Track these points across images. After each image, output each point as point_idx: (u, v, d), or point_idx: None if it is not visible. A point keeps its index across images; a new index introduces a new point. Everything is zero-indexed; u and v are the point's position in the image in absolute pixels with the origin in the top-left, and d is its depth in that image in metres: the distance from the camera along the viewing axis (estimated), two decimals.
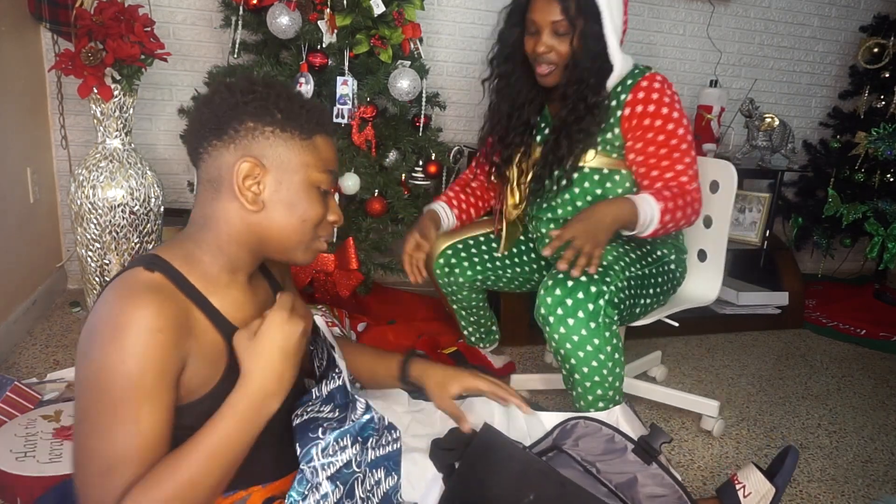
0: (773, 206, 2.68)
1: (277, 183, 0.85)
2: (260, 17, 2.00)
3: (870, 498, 1.54)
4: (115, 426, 0.75)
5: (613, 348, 1.39)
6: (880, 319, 2.73)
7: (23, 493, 1.22)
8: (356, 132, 2.03)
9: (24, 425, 1.38)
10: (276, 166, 0.85)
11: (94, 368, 0.75)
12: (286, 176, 0.85)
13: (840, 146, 3.10)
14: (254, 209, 0.85)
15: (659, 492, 1.17)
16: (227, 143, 0.84)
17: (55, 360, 1.88)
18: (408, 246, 1.57)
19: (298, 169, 0.86)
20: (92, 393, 0.75)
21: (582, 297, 1.34)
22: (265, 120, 0.84)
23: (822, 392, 2.11)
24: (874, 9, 3.15)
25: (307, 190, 0.87)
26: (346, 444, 0.90)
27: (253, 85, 0.85)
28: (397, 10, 2.03)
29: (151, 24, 1.75)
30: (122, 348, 0.74)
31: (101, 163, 1.73)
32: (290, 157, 0.85)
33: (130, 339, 0.74)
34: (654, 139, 1.48)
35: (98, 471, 0.75)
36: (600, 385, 1.41)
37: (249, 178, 0.84)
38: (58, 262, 2.39)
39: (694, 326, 2.53)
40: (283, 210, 0.86)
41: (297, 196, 0.86)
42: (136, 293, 0.77)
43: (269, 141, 0.84)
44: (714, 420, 1.76)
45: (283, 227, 0.87)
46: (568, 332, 1.36)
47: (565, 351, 1.39)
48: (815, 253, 3.31)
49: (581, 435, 1.25)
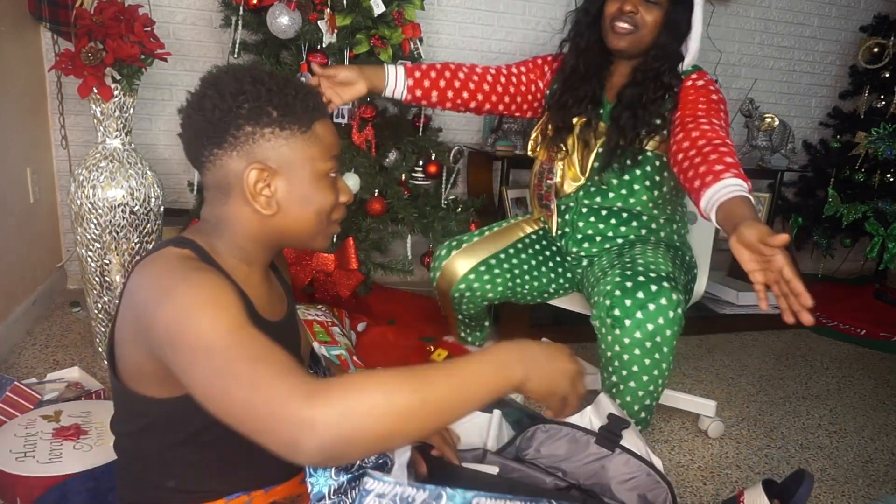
0: (773, 206, 2.68)
1: (288, 182, 0.84)
2: (260, 17, 2.00)
3: (870, 498, 1.54)
4: (249, 347, 0.69)
5: (673, 359, 1.37)
6: (880, 319, 2.73)
7: (22, 493, 1.22)
8: (356, 132, 2.03)
9: (24, 425, 1.38)
10: (283, 166, 0.83)
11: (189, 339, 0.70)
12: (295, 174, 0.84)
13: (840, 146, 3.10)
14: (269, 213, 0.84)
15: (628, 475, 1.19)
16: (229, 150, 0.82)
17: (55, 360, 1.88)
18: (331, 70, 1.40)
19: (305, 164, 0.85)
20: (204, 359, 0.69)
21: (665, 304, 1.31)
22: (262, 121, 0.82)
23: (823, 392, 2.11)
24: (874, 9, 3.15)
25: (317, 181, 0.86)
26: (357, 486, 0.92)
27: (241, 84, 0.82)
28: (397, 10, 2.03)
29: (151, 24, 1.75)
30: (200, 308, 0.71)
31: (101, 163, 1.73)
32: (295, 154, 0.84)
33: (203, 296, 0.72)
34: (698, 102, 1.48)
35: (262, 392, 0.66)
36: (651, 395, 1.39)
37: (260, 183, 0.83)
38: (58, 262, 2.39)
39: (694, 326, 2.52)
40: (298, 206, 0.86)
41: (308, 190, 0.86)
42: (182, 261, 0.79)
43: (270, 142, 0.82)
44: (710, 420, 1.76)
45: (300, 221, 0.87)
46: (643, 337, 1.31)
47: (630, 356, 1.34)
48: (815, 253, 3.31)
49: (543, 441, 1.25)
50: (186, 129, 0.86)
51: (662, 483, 1.19)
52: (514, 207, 2.50)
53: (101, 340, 1.86)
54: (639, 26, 1.48)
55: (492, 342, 1.97)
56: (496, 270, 1.63)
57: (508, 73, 1.67)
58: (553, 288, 1.71)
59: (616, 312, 1.33)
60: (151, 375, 0.80)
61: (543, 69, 1.70)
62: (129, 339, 0.81)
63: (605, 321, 1.36)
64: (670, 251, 1.55)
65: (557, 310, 1.79)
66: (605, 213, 1.60)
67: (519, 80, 1.67)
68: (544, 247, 1.71)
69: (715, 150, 1.29)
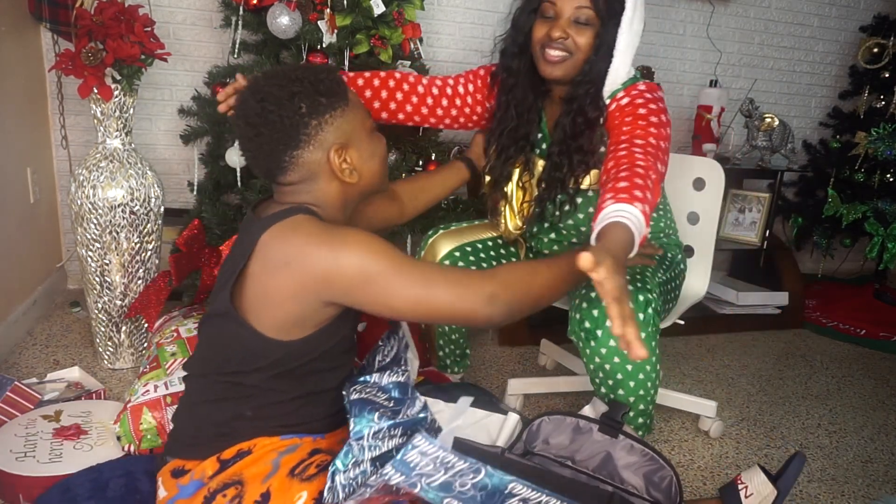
0: (773, 206, 2.68)
1: (357, 149, 1.04)
2: (260, 17, 2.00)
3: (870, 498, 1.54)
4: (443, 273, 1.01)
5: (657, 359, 1.34)
6: (880, 319, 2.73)
7: (22, 493, 1.22)
8: None
9: (24, 425, 1.38)
10: (349, 138, 1.02)
11: (382, 269, 0.95)
12: (357, 139, 1.04)
13: (840, 146, 3.10)
14: (354, 180, 1.04)
15: (632, 460, 1.24)
16: (304, 146, 0.99)
17: (55, 360, 1.88)
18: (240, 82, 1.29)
19: (359, 129, 1.04)
20: (403, 279, 0.96)
21: (632, 307, 1.24)
22: (320, 111, 0.98)
23: (822, 392, 2.11)
24: (874, 9, 3.15)
25: (371, 135, 1.07)
26: (395, 433, 1.01)
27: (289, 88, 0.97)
28: (397, 10, 2.03)
29: (151, 24, 1.75)
30: (377, 245, 0.96)
31: (102, 163, 1.73)
32: (351, 124, 1.02)
33: (370, 238, 0.97)
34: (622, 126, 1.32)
35: (446, 284, 0.98)
36: (643, 399, 1.36)
37: (340, 160, 1.01)
38: (58, 262, 2.39)
39: (694, 326, 2.53)
40: (370, 162, 1.06)
41: (371, 146, 1.06)
42: (323, 223, 0.99)
43: (333, 124, 1.00)
44: (711, 420, 1.76)
45: (375, 174, 1.08)
46: (618, 345, 1.21)
47: (612, 366, 1.31)
48: (815, 253, 3.31)
49: (549, 433, 1.29)
50: (258, 145, 0.99)
51: (666, 466, 1.21)
52: None
53: (101, 340, 1.86)
54: (572, 51, 1.36)
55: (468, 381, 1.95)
56: (481, 255, 1.61)
57: (454, 91, 1.58)
58: None
59: (587, 325, 1.31)
60: (295, 323, 0.98)
61: (486, 80, 1.57)
62: (289, 297, 0.96)
63: (580, 335, 1.33)
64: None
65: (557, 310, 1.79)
66: (567, 244, 1.56)
67: (463, 99, 1.58)
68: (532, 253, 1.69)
69: (614, 177, 1.21)
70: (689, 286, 1.76)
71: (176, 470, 1.04)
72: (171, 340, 1.55)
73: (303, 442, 1.05)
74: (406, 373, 1.10)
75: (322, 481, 0.95)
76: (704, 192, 1.77)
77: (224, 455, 1.01)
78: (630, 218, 1.12)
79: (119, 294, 1.81)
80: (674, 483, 1.23)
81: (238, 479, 0.99)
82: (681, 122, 2.97)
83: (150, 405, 1.39)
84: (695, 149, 2.65)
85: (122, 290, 1.81)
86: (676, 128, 3.01)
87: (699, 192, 1.78)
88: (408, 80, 1.54)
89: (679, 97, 3.00)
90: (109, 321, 1.83)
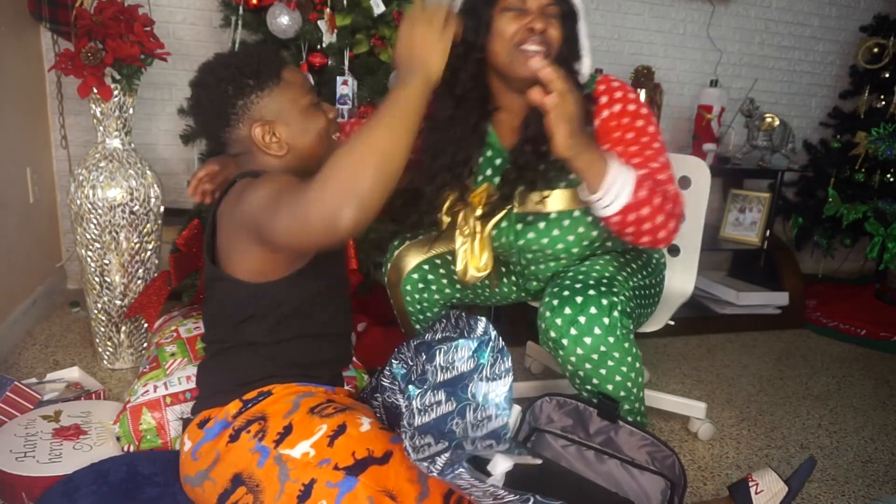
0: (774, 206, 2.68)
1: (285, 125, 1.10)
2: (260, 17, 2.00)
3: (870, 498, 1.54)
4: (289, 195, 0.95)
5: (634, 358, 1.29)
6: (881, 320, 2.73)
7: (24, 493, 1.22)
8: None
9: (24, 425, 1.38)
10: (276, 115, 1.09)
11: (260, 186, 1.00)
12: (287, 116, 1.10)
13: (840, 146, 3.10)
14: (283, 153, 1.10)
15: (634, 443, 1.29)
16: (234, 124, 1.09)
17: (55, 360, 1.88)
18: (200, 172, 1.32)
19: (290, 106, 1.10)
20: (264, 191, 0.98)
21: (595, 312, 1.22)
22: (245, 91, 1.07)
23: (823, 392, 2.11)
24: (874, 9, 3.15)
25: (304, 113, 1.11)
26: (463, 355, 1.04)
27: (217, 73, 1.08)
28: (397, 9, 2.03)
29: (151, 24, 1.75)
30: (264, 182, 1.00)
31: (101, 163, 1.73)
32: (279, 103, 1.09)
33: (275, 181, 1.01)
34: (623, 137, 1.26)
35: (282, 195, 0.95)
36: (626, 399, 1.33)
37: (266, 136, 1.08)
38: (57, 262, 2.39)
39: (694, 326, 2.53)
40: (302, 137, 1.11)
41: (304, 122, 1.11)
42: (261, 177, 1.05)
43: (259, 103, 1.08)
44: (700, 422, 1.74)
45: (310, 147, 1.12)
46: (586, 352, 1.24)
47: (585, 372, 1.28)
48: (815, 253, 3.31)
49: (551, 410, 1.36)
50: (203, 126, 1.13)
51: (667, 450, 1.24)
52: None
53: (100, 340, 1.86)
54: (551, 45, 1.22)
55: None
56: (452, 267, 1.48)
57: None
58: (514, 297, 1.60)
59: (552, 335, 1.25)
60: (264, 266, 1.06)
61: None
62: (240, 242, 1.05)
63: (548, 344, 1.28)
64: (622, 256, 1.43)
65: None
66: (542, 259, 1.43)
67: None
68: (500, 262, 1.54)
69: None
70: (676, 285, 1.73)
71: (202, 421, 1.11)
72: (170, 340, 1.55)
73: (317, 391, 1.14)
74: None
75: (340, 420, 1.03)
76: (690, 191, 1.75)
77: (246, 396, 1.09)
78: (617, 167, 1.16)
79: (119, 294, 1.81)
80: (676, 464, 1.25)
81: (261, 415, 1.06)
82: (681, 121, 2.97)
83: (149, 405, 1.39)
84: (695, 149, 2.65)
85: (122, 291, 1.81)
86: (677, 128, 3.01)
87: (685, 191, 1.76)
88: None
89: (679, 97, 3.00)
90: (109, 321, 1.83)
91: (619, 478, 1.29)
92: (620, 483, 1.28)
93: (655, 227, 1.21)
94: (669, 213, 1.22)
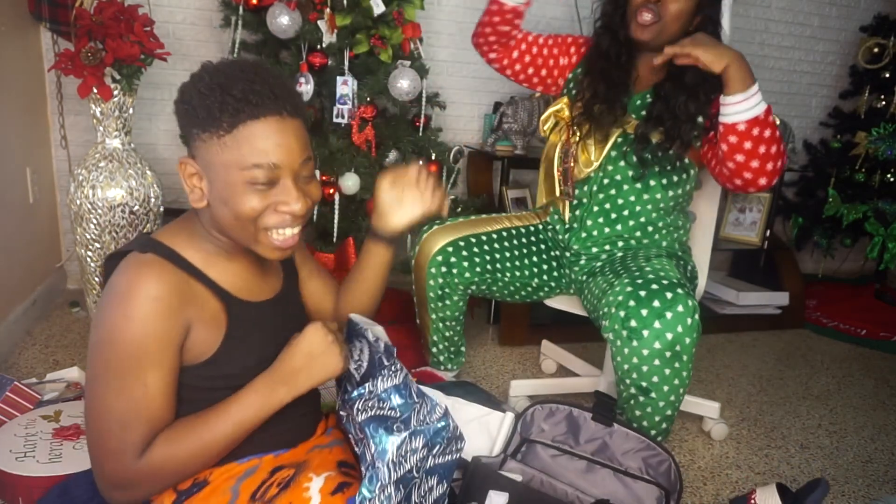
0: (774, 206, 2.68)
1: (210, 182, 0.88)
2: (260, 17, 2.00)
3: (870, 498, 1.54)
4: (125, 386, 0.83)
5: (692, 367, 1.32)
6: (881, 319, 2.73)
7: (22, 493, 1.22)
8: (356, 132, 2.03)
9: (24, 425, 1.38)
10: (204, 166, 0.87)
11: (103, 334, 0.84)
12: (213, 176, 0.87)
13: (840, 146, 3.10)
14: (200, 205, 0.90)
15: (629, 446, 1.26)
16: (188, 142, 0.89)
17: (55, 360, 1.88)
18: None
19: (220, 169, 0.85)
20: (102, 356, 0.84)
21: (682, 311, 1.26)
22: (194, 123, 0.86)
23: (823, 392, 2.11)
24: (874, 9, 3.15)
25: (233, 186, 0.86)
26: (416, 445, 0.91)
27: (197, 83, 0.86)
28: (397, 10, 2.03)
29: (151, 24, 1.75)
30: (126, 316, 0.82)
31: (101, 163, 1.73)
32: (211, 157, 0.86)
33: (133, 307, 0.83)
34: None
35: (113, 427, 0.84)
36: (671, 405, 1.34)
37: (194, 177, 0.89)
38: (57, 262, 2.39)
39: None
40: (220, 206, 0.88)
41: (225, 193, 0.86)
42: (136, 268, 0.85)
43: (197, 143, 0.87)
44: (714, 422, 1.75)
45: (223, 221, 0.89)
46: (663, 347, 1.26)
47: (650, 368, 1.28)
48: (815, 253, 3.31)
49: (543, 417, 1.30)
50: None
51: (663, 452, 1.22)
52: (514, 207, 2.50)
53: None
54: (662, 17, 1.42)
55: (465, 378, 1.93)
56: (475, 249, 1.57)
57: (541, 44, 1.66)
58: (536, 283, 1.65)
59: (633, 324, 1.27)
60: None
61: (570, 50, 1.65)
62: None
63: (621, 333, 1.30)
64: (672, 260, 1.54)
65: (557, 310, 1.79)
66: (615, 217, 1.58)
67: (547, 54, 1.66)
68: (532, 241, 1.67)
69: None
70: None
71: None
72: None
73: (262, 461, 0.96)
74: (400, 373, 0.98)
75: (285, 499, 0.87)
76: (702, 192, 1.77)
77: (181, 486, 0.92)
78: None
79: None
80: (672, 468, 1.24)
81: None
82: None
83: None
84: None
85: None
86: None
87: (697, 192, 1.79)
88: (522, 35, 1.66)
89: None
90: None
91: (613, 487, 1.27)
92: (614, 493, 1.26)
93: (768, 155, 1.34)
94: (781, 154, 1.36)
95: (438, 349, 1.74)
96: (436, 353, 1.75)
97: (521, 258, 1.63)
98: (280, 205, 0.88)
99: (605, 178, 1.56)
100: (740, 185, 1.40)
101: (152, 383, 0.84)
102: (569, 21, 2.71)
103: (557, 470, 1.29)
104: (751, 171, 1.35)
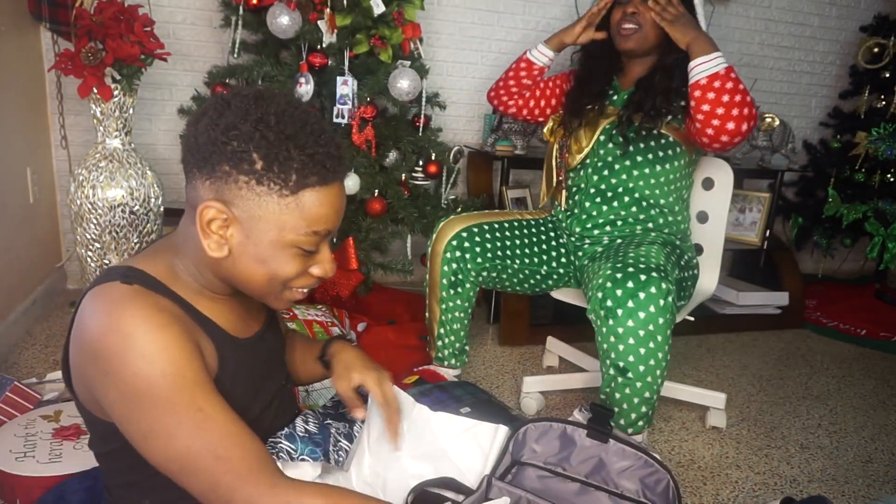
0: (774, 206, 2.68)
1: (246, 236, 0.77)
2: (260, 17, 2.00)
3: (870, 498, 1.54)
4: (187, 423, 0.72)
5: (669, 347, 1.39)
6: (881, 319, 2.73)
7: (22, 493, 1.22)
8: (356, 132, 2.03)
9: (24, 425, 1.38)
10: (245, 218, 0.76)
11: (126, 389, 0.72)
12: (256, 231, 0.76)
13: (840, 146, 3.10)
14: (218, 255, 0.78)
15: (625, 464, 1.21)
16: (205, 177, 0.75)
17: (55, 360, 1.88)
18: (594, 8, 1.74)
19: (271, 229, 0.76)
20: (143, 412, 0.72)
21: (654, 292, 1.34)
22: (241, 168, 0.74)
23: (823, 392, 2.11)
24: (874, 9, 3.15)
25: (281, 249, 0.78)
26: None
27: (242, 119, 0.74)
28: (397, 10, 2.03)
29: (151, 24, 1.75)
30: (142, 357, 0.71)
31: (101, 163, 1.73)
32: (263, 214, 0.75)
33: (145, 344, 0.71)
34: None
35: (213, 466, 0.73)
36: (649, 388, 1.40)
37: (216, 222, 0.76)
38: (57, 262, 2.39)
39: (694, 326, 2.52)
40: (251, 262, 0.78)
41: (266, 253, 0.77)
42: (124, 302, 0.74)
43: (242, 191, 0.74)
44: (722, 412, 1.79)
45: (249, 277, 0.80)
46: (636, 325, 1.35)
47: (625, 346, 1.37)
48: (815, 253, 3.30)
49: (536, 438, 1.25)
50: (183, 139, 0.80)
51: (661, 469, 1.20)
52: (514, 207, 2.50)
53: None
54: (642, 25, 1.63)
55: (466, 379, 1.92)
56: (487, 236, 1.68)
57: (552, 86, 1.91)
58: (545, 270, 1.74)
59: (608, 303, 1.37)
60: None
61: (570, 77, 1.88)
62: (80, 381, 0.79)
63: (599, 313, 1.40)
64: (666, 247, 1.58)
65: (558, 309, 1.79)
66: (610, 195, 1.69)
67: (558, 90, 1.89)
68: (541, 231, 1.77)
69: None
70: (700, 283, 1.80)
71: None
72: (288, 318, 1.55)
73: None
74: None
75: None
76: (713, 192, 1.79)
77: None
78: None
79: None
80: (671, 486, 1.21)
81: None
82: None
83: None
84: None
85: None
86: None
87: (708, 192, 1.82)
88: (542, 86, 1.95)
89: None
90: None
91: None
92: None
93: (732, 103, 1.48)
94: (746, 103, 1.49)
95: (444, 343, 1.78)
96: (441, 346, 1.78)
97: (530, 246, 1.74)
98: (314, 267, 0.83)
99: (599, 161, 1.70)
100: (712, 135, 1.52)
101: (207, 406, 0.74)
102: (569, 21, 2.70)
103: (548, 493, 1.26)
104: (718, 119, 1.49)
